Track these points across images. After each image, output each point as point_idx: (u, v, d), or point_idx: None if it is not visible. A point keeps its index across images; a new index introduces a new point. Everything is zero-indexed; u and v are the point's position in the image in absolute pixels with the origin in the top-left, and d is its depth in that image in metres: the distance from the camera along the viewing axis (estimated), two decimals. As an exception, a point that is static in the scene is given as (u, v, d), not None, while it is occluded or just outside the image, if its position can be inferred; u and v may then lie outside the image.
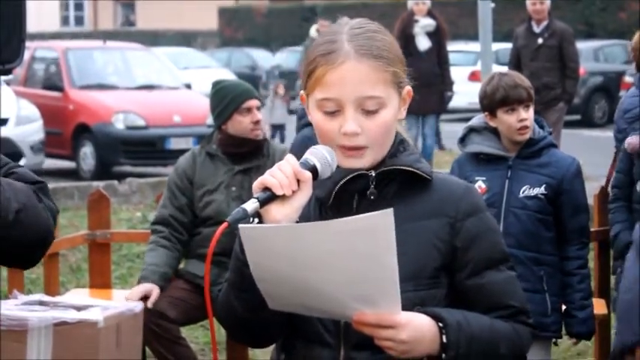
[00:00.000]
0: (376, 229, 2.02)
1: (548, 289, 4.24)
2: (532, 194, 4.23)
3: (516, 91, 4.24)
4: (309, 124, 4.54)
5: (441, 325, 2.17)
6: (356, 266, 2.06)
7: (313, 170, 2.17)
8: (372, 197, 2.25)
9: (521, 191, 4.24)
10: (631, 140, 4.64)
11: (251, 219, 2.14)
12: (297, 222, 2.16)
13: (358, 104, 2.20)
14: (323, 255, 2.06)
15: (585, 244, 4.35)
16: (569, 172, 4.26)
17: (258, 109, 5.14)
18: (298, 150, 2.29)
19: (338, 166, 2.23)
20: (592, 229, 4.79)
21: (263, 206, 2.12)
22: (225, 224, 2.10)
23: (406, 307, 2.16)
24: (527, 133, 4.26)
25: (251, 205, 2.11)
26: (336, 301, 2.11)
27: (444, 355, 2.17)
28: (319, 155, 2.19)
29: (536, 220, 4.23)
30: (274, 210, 2.13)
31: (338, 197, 2.26)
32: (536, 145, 4.28)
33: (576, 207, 4.28)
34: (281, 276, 2.12)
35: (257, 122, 5.10)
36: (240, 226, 2.08)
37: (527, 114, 4.24)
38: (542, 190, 4.23)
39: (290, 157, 2.17)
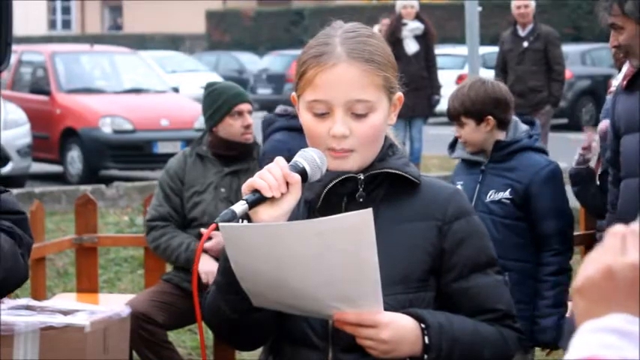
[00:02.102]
0: (356, 229, 2.02)
1: (513, 296, 4.13)
2: (496, 199, 4.13)
3: (450, 105, 4.21)
4: (279, 130, 4.53)
5: (423, 326, 2.17)
6: (336, 266, 2.05)
7: (302, 173, 2.17)
8: (360, 200, 2.25)
9: (488, 196, 4.15)
10: (602, 126, 4.66)
11: (239, 221, 2.14)
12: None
13: (348, 107, 2.20)
14: (302, 254, 2.06)
15: (560, 250, 4.16)
16: (537, 177, 4.12)
17: (250, 112, 5.15)
18: (272, 156, 2.29)
19: (327, 169, 2.22)
20: (577, 233, 4.71)
21: (252, 208, 2.12)
22: (213, 225, 2.10)
23: (395, 309, 2.16)
24: (469, 148, 4.21)
25: (240, 207, 2.10)
26: (316, 300, 2.11)
27: (425, 357, 2.17)
28: (309, 158, 2.19)
29: (502, 226, 4.11)
30: (263, 212, 2.13)
31: (327, 200, 2.25)
32: (506, 149, 4.17)
33: (547, 212, 4.13)
34: (261, 275, 2.12)
35: (248, 126, 5.11)
36: (220, 224, 2.07)
37: (462, 130, 4.16)
38: (506, 194, 4.12)
39: (279, 160, 2.16)
